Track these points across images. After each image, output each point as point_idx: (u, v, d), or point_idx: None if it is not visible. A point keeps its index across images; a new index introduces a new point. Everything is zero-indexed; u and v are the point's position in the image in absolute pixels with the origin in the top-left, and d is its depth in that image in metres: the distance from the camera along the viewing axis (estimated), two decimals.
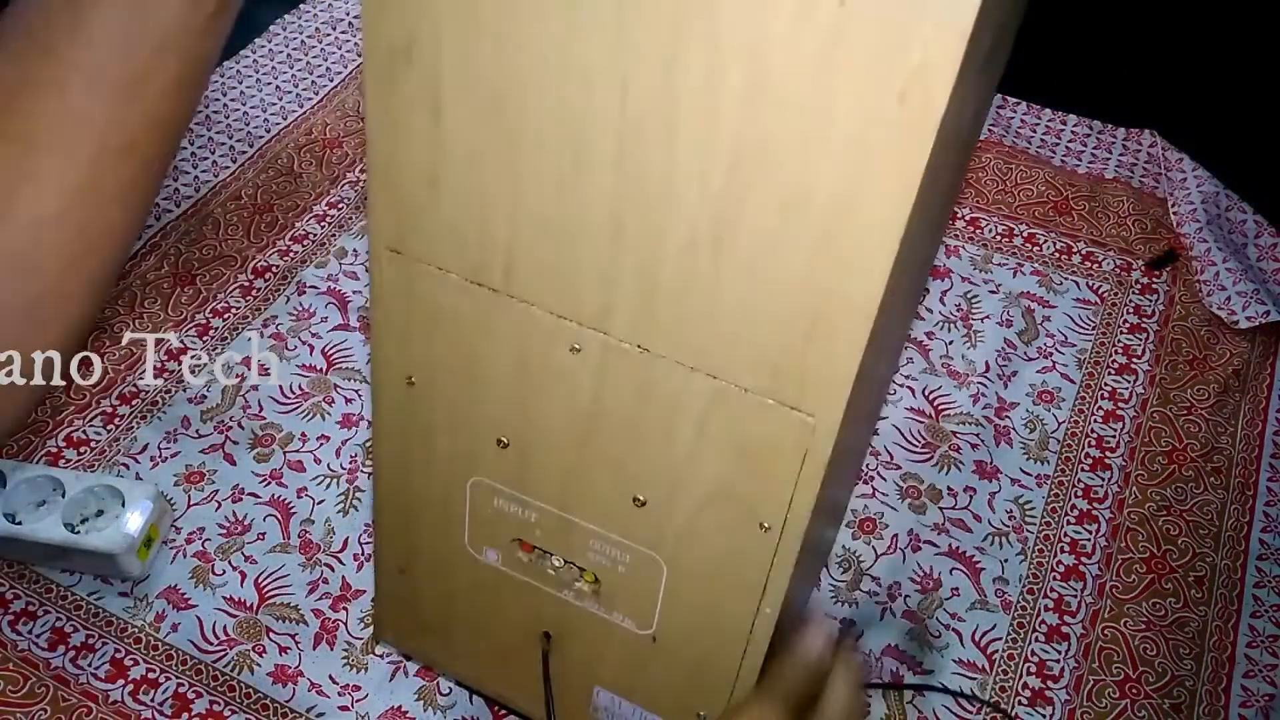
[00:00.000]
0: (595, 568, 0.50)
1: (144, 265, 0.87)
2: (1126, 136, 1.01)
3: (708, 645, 0.50)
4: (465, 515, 0.52)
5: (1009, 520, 0.71)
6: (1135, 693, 0.63)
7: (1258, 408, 0.78)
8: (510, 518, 0.51)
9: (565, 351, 0.44)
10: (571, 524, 0.49)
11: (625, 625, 0.51)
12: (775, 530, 0.45)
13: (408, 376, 0.49)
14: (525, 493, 0.49)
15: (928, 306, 0.85)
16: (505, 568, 0.52)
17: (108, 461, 0.73)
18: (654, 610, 0.50)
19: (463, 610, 0.56)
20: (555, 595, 0.52)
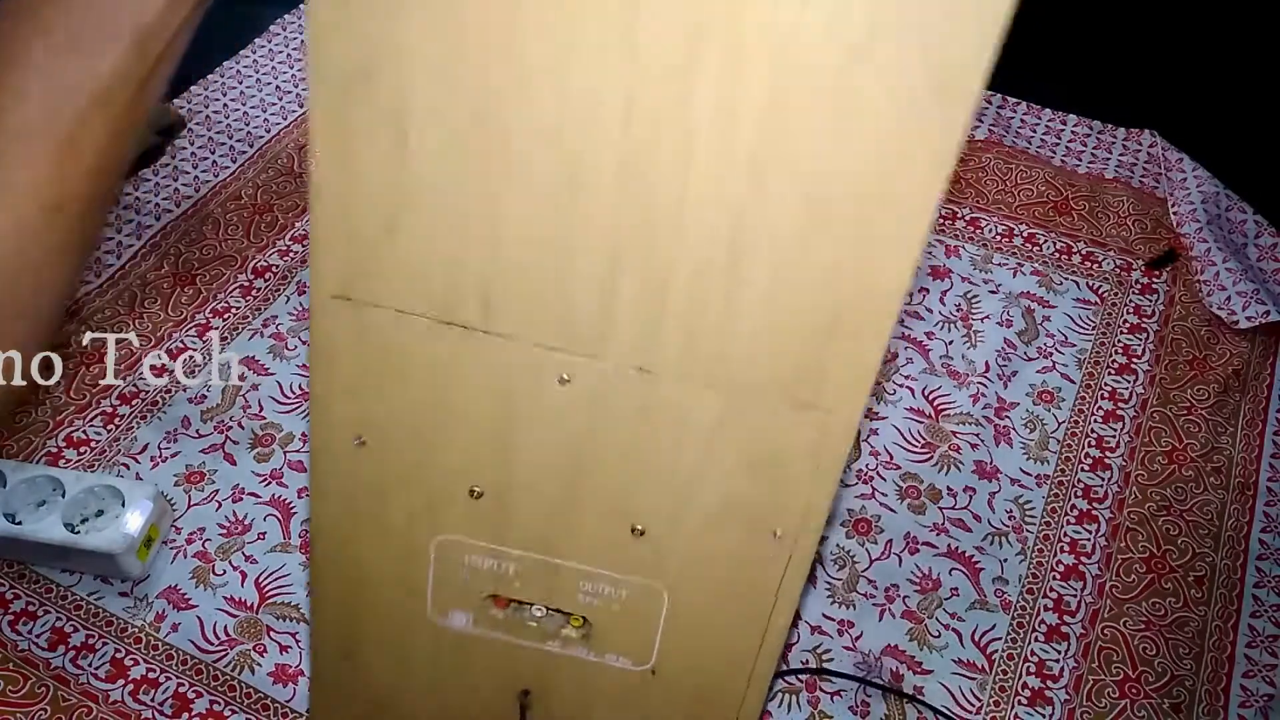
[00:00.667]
0: (585, 610, 0.47)
1: (144, 265, 0.87)
2: (1126, 136, 1.01)
3: (713, 667, 0.48)
4: (429, 580, 0.47)
5: (1009, 520, 0.71)
6: (1135, 692, 0.63)
7: (1258, 408, 0.78)
8: (484, 574, 0.47)
9: (553, 384, 0.41)
10: (557, 568, 0.46)
11: (619, 665, 0.48)
12: (789, 537, 0.43)
13: (357, 437, 0.44)
14: (504, 543, 0.46)
15: (927, 306, 0.85)
16: (476, 629, 0.48)
17: (108, 461, 0.73)
18: (653, 642, 0.47)
19: (422, 688, 0.51)
20: (536, 648, 0.48)
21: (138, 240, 0.89)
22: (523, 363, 0.41)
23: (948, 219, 0.92)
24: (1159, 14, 1.17)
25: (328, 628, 0.50)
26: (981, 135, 1.00)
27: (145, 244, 0.89)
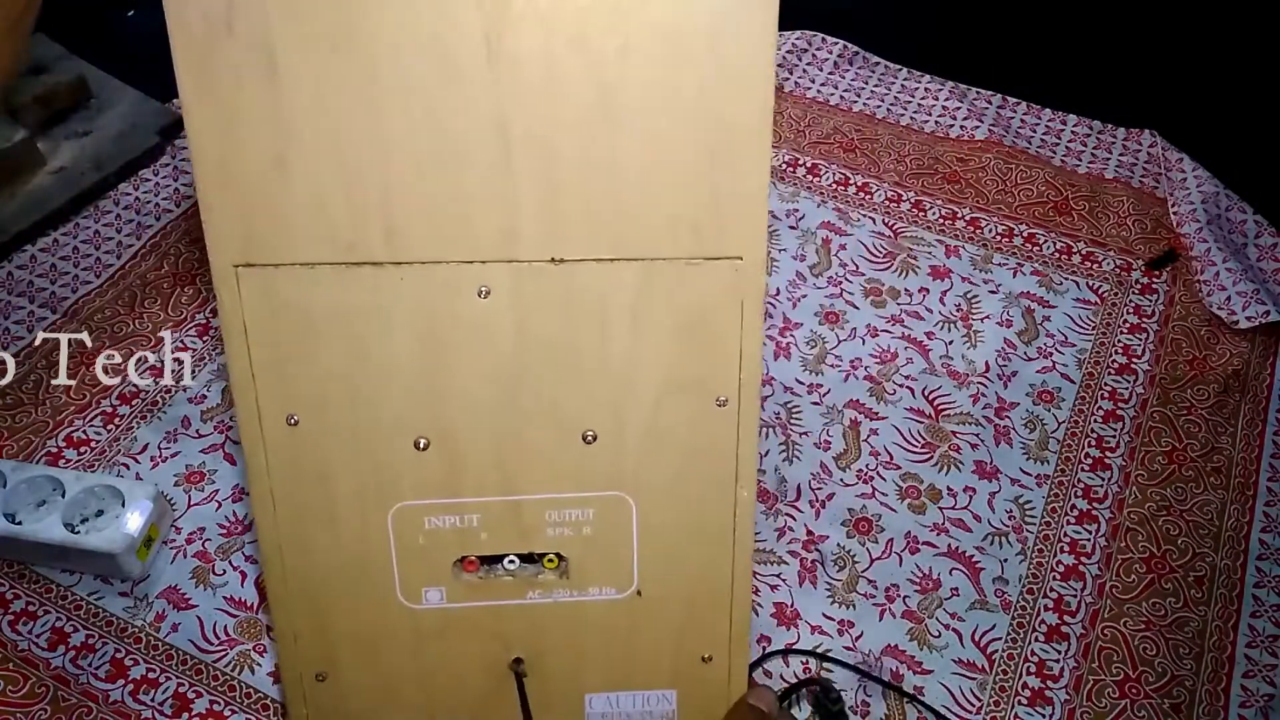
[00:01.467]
0: (557, 545, 0.46)
1: (144, 265, 0.87)
2: (1126, 136, 1.01)
3: (695, 568, 0.47)
4: (393, 558, 0.46)
5: (1009, 520, 0.71)
6: (1135, 693, 0.63)
7: (1258, 408, 0.78)
8: (447, 536, 0.46)
9: (473, 299, 0.41)
10: (520, 506, 0.45)
11: (604, 597, 0.47)
12: (733, 400, 0.43)
13: (288, 416, 0.43)
14: (461, 493, 0.45)
15: (927, 306, 0.85)
16: (452, 603, 0.47)
17: (108, 461, 0.73)
18: (632, 561, 0.46)
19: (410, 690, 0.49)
20: (518, 605, 0.47)
21: (138, 240, 0.89)
22: (439, 285, 0.41)
23: (948, 219, 0.92)
24: (1159, 14, 1.17)
25: (295, 648, 0.48)
26: (981, 135, 1.00)
27: (145, 244, 0.89)
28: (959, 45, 1.14)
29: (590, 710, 0.50)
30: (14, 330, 0.81)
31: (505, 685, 0.48)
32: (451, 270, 0.41)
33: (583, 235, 0.41)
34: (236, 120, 0.37)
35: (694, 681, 0.49)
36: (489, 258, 0.41)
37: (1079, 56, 1.13)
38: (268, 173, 0.38)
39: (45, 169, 0.92)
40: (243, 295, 0.40)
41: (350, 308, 0.41)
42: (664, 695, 0.50)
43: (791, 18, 1.14)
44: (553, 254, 0.41)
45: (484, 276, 0.41)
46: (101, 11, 1.14)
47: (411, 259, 0.40)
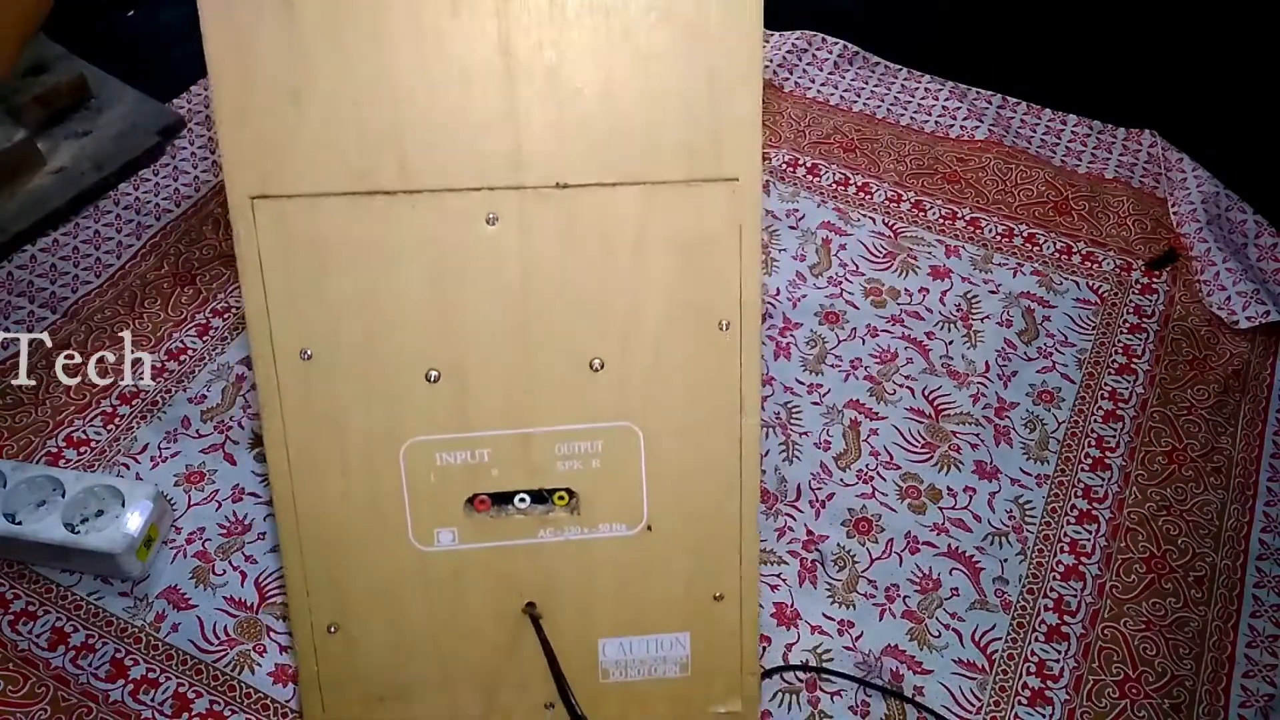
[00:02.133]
0: (567, 479, 0.46)
1: (144, 265, 0.87)
2: (1126, 136, 1.01)
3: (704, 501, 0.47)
4: (405, 498, 0.46)
5: (1009, 520, 0.71)
6: (1135, 693, 0.63)
7: (1258, 408, 0.78)
8: (458, 473, 0.46)
9: (482, 226, 0.42)
10: (530, 439, 0.45)
11: (614, 534, 0.47)
12: (734, 324, 0.44)
13: (301, 350, 0.43)
14: (472, 428, 0.45)
15: (927, 306, 0.85)
16: (464, 544, 0.47)
17: (108, 461, 0.73)
18: (641, 494, 0.47)
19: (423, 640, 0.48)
20: (530, 545, 0.47)
21: (138, 240, 0.89)
22: (449, 213, 0.42)
23: (948, 219, 0.92)
24: (1159, 14, 1.17)
25: (306, 600, 0.47)
26: (981, 135, 1.00)
27: (145, 244, 0.89)
28: (959, 45, 1.14)
29: (604, 657, 0.50)
30: (14, 330, 0.81)
31: (517, 632, 0.48)
32: (461, 198, 0.42)
33: (586, 160, 0.42)
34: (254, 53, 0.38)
35: (707, 622, 0.49)
36: (496, 184, 0.42)
37: (1079, 56, 1.13)
38: (283, 104, 0.39)
39: (45, 169, 0.92)
40: (258, 227, 0.41)
41: (363, 238, 0.42)
42: (677, 639, 0.50)
43: (791, 18, 1.14)
44: (558, 179, 0.42)
45: (492, 203, 0.42)
46: (101, 11, 1.14)
47: (422, 187, 0.41)
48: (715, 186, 0.43)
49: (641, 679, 0.50)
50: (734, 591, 0.49)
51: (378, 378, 0.44)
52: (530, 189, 0.42)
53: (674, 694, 0.50)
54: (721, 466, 0.47)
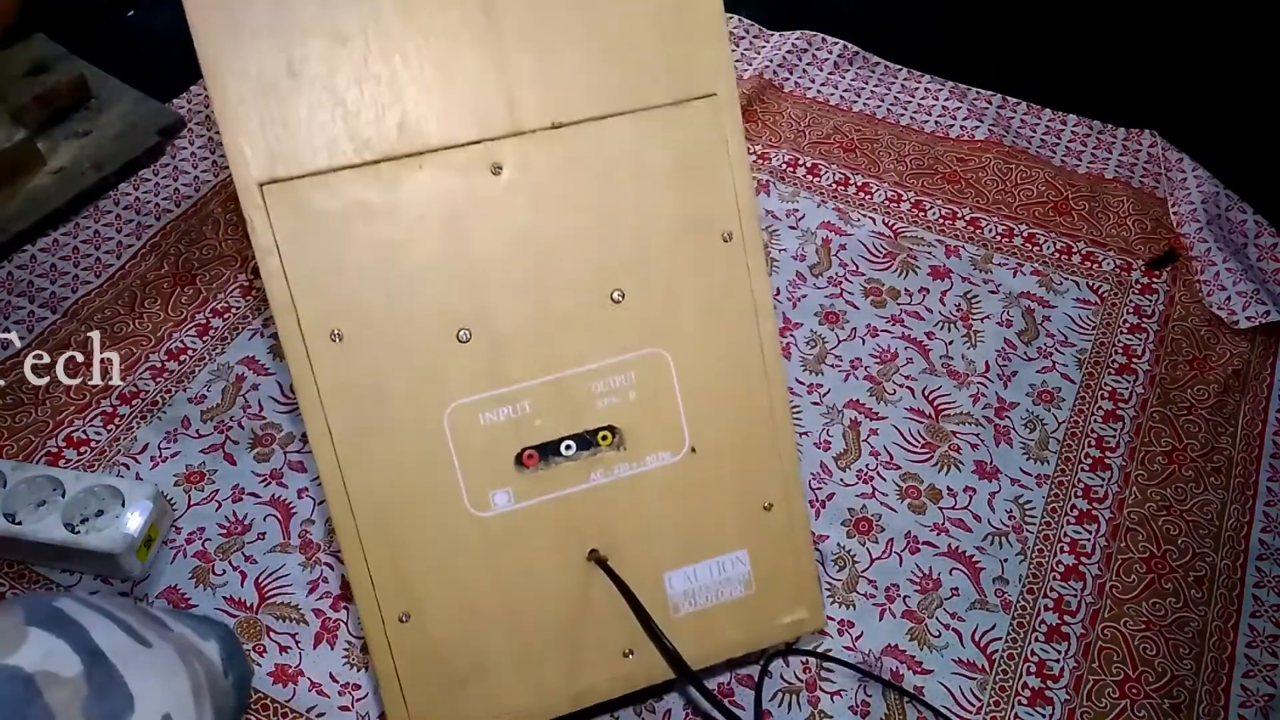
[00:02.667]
0: (609, 416, 0.47)
1: (144, 265, 0.87)
2: (1126, 136, 1.01)
3: (739, 412, 0.49)
4: (455, 466, 0.45)
5: (1009, 520, 0.71)
6: (1135, 693, 0.63)
7: (1258, 408, 0.78)
8: (503, 429, 0.46)
9: (488, 177, 0.43)
10: (566, 383, 0.46)
11: (663, 461, 0.48)
12: (736, 233, 0.47)
13: (331, 332, 0.43)
14: (509, 381, 0.46)
15: (927, 306, 0.85)
16: (520, 502, 0.47)
17: (108, 461, 0.73)
18: (680, 418, 0.48)
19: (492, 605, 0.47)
20: (584, 491, 0.47)
21: (138, 240, 0.89)
22: (455, 170, 0.43)
23: (948, 219, 0.92)
24: (1159, 14, 1.17)
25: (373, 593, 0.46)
26: (981, 135, 1.00)
27: (145, 244, 0.89)
28: (959, 45, 1.14)
29: (671, 590, 0.50)
30: (14, 330, 0.81)
31: (586, 583, 0.48)
32: (464, 153, 0.43)
33: (576, 96, 0.44)
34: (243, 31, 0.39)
35: (761, 534, 0.50)
36: (496, 133, 0.43)
37: (1079, 56, 1.13)
38: (280, 78, 0.40)
39: (45, 169, 0.92)
40: (271, 213, 0.41)
41: (376, 207, 0.42)
42: (737, 557, 0.50)
43: (791, 18, 1.15)
44: (553, 119, 0.44)
45: (494, 153, 0.43)
46: (101, 11, 1.14)
47: (425, 148, 0.42)
48: (697, 104, 0.45)
49: (710, 605, 0.50)
50: (780, 497, 0.50)
51: (411, 348, 0.44)
52: (528, 133, 0.43)
53: (742, 613, 0.51)
54: (748, 374, 0.49)
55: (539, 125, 0.44)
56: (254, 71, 0.40)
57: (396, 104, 0.42)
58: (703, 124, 0.46)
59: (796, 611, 0.52)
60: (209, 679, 0.50)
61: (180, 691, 0.45)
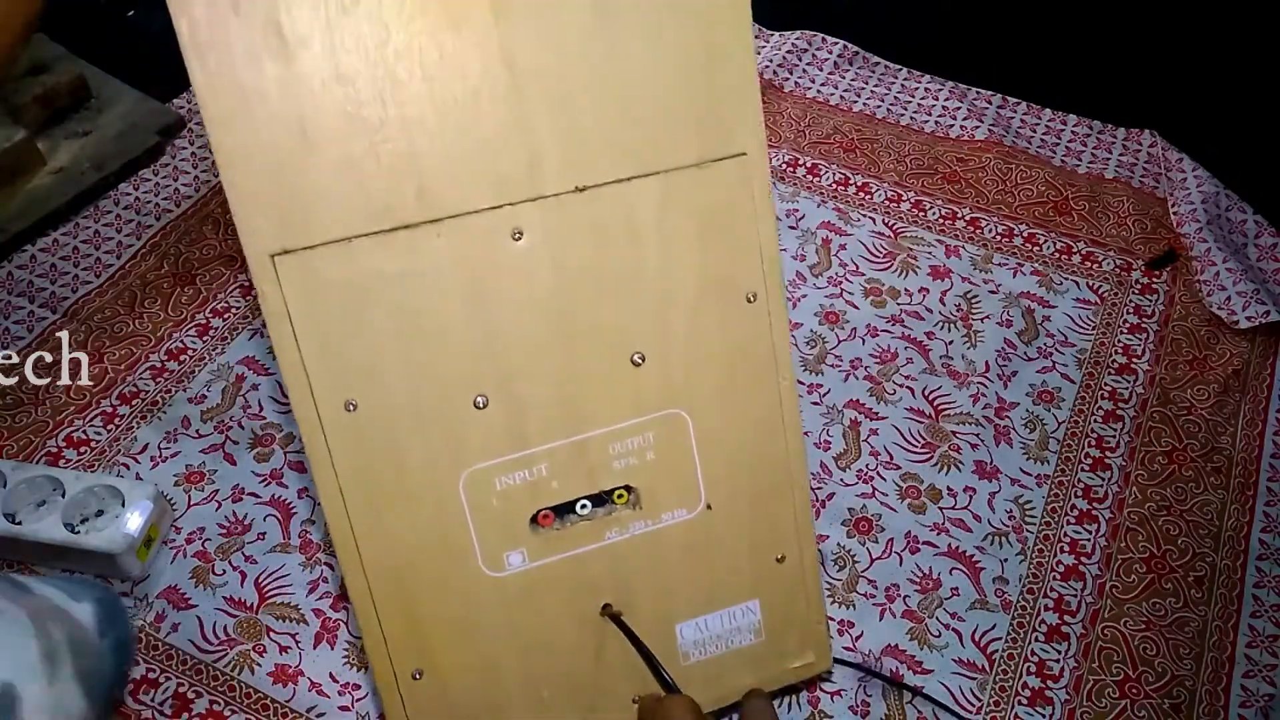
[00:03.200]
0: (625, 477, 0.47)
1: (144, 265, 0.87)
2: (1126, 136, 1.01)
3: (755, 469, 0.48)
4: (470, 528, 0.45)
5: (1009, 520, 0.71)
6: (1135, 693, 0.63)
7: (1258, 408, 0.78)
8: (519, 492, 0.46)
9: (508, 243, 0.42)
10: (584, 445, 0.46)
11: (678, 519, 0.48)
12: (761, 295, 0.46)
13: (346, 403, 0.42)
14: (526, 444, 0.45)
15: (927, 306, 0.85)
16: (534, 562, 0.47)
17: (108, 461, 0.73)
18: (696, 476, 0.47)
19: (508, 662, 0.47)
20: (599, 549, 0.47)
21: (138, 240, 0.89)
22: (474, 236, 0.41)
23: (948, 219, 0.92)
24: (1159, 14, 1.17)
25: (386, 651, 0.45)
26: (981, 135, 1.00)
27: (145, 244, 0.89)
28: (959, 45, 1.14)
29: (682, 640, 0.50)
30: (14, 330, 0.81)
31: (599, 635, 0.48)
32: (484, 218, 0.41)
33: (600, 158, 0.42)
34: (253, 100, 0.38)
35: (772, 585, 0.50)
36: (517, 198, 0.42)
37: (1079, 56, 1.13)
38: (292, 143, 0.38)
39: (45, 169, 0.92)
40: (283, 284, 0.40)
41: (393, 276, 0.41)
42: (748, 607, 0.50)
43: (791, 18, 1.15)
44: (576, 183, 0.42)
45: (515, 218, 0.42)
46: (101, 11, 1.14)
47: (444, 214, 0.41)
48: (726, 164, 0.44)
49: (720, 653, 0.50)
50: (794, 548, 0.50)
51: (427, 415, 0.43)
52: (550, 197, 0.42)
53: (751, 659, 0.51)
54: (766, 431, 0.48)
55: (561, 189, 0.42)
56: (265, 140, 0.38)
57: (414, 170, 0.40)
58: (731, 184, 0.44)
59: (805, 655, 0.52)
60: (73, 642, 0.48)
61: (26, 659, 0.43)
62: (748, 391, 0.47)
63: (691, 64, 0.43)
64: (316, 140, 0.39)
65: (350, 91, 0.38)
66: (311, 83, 0.38)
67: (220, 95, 0.38)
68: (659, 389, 0.46)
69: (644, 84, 0.42)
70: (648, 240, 0.44)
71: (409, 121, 0.39)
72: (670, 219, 0.44)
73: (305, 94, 0.38)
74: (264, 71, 0.38)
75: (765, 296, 0.46)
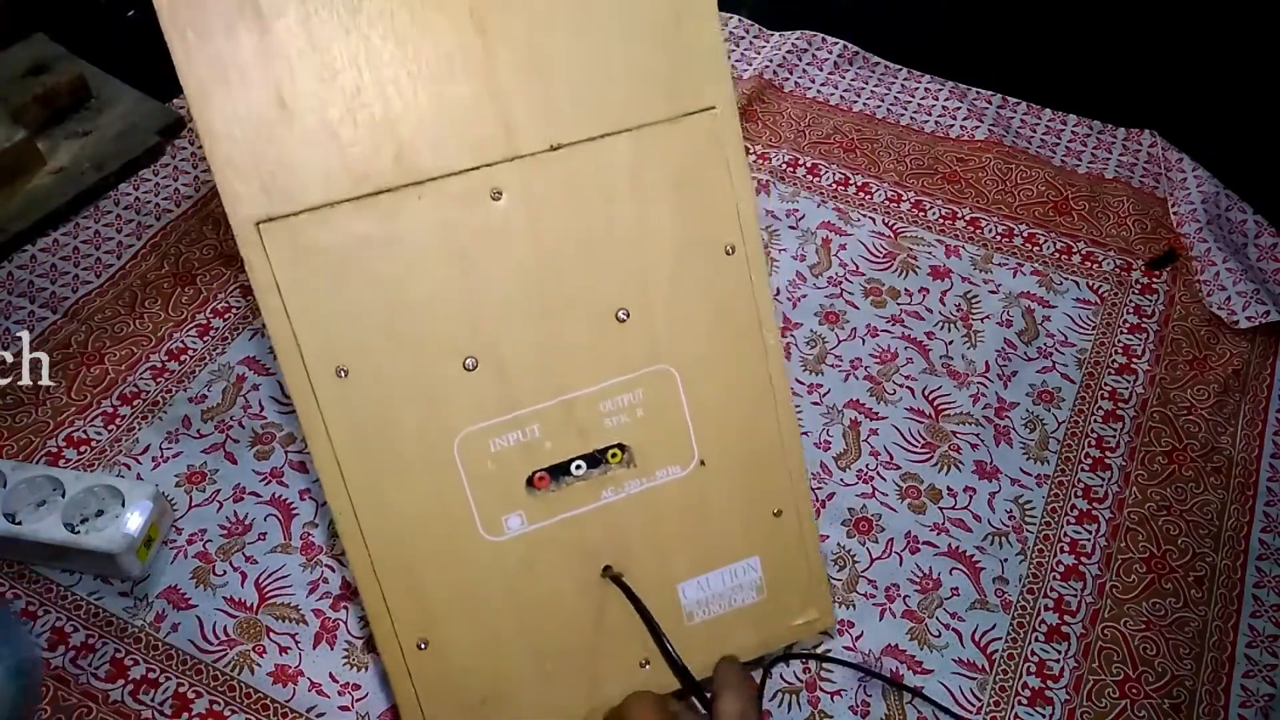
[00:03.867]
0: (617, 435, 0.47)
1: (144, 265, 0.87)
2: (1126, 136, 1.01)
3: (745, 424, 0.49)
4: (468, 493, 0.45)
5: (1009, 520, 0.71)
6: (1135, 693, 0.63)
7: (1258, 408, 0.78)
8: (514, 454, 0.46)
9: (488, 204, 0.43)
10: (574, 404, 0.46)
11: (673, 475, 0.48)
12: (739, 247, 0.47)
13: (337, 369, 0.42)
14: (517, 405, 0.45)
15: (927, 306, 0.85)
16: (533, 525, 0.47)
17: (109, 461, 0.73)
18: (688, 432, 0.48)
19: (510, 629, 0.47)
20: (595, 509, 0.47)
21: (138, 240, 0.89)
22: (454, 198, 0.42)
23: (948, 219, 0.92)
24: (1159, 14, 1.17)
25: (390, 622, 0.46)
26: (981, 135, 1.00)
27: (145, 244, 0.89)
28: (959, 45, 1.14)
29: (685, 600, 0.50)
30: (15, 330, 0.81)
31: (601, 599, 0.48)
32: (462, 180, 0.42)
33: (574, 117, 0.43)
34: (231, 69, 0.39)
35: (771, 540, 0.50)
36: (494, 158, 0.42)
37: (1079, 56, 1.13)
38: (271, 112, 0.39)
39: (45, 169, 0.93)
40: (269, 252, 0.40)
41: (376, 240, 0.42)
42: (749, 564, 0.51)
43: (791, 18, 1.15)
44: (551, 141, 0.43)
45: (493, 179, 0.43)
46: (101, 11, 1.14)
47: (423, 177, 0.42)
48: (696, 119, 0.45)
49: (724, 612, 0.50)
50: (790, 503, 0.50)
51: (418, 378, 0.44)
52: (527, 156, 0.43)
53: (755, 617, 0.51)
54: (754, 386, 0.49)
55: (537, 148, 0.43)
56: (244, 111, 0.39)
57: (392, 135, 0.41)
58: (702, 138, 0.46)
59: (808, 613, 0.52)
60: None
61: None
62: (733, 345, 0.48)
63: (660, 21, 0.44)
64: (294, 109, 0.40)
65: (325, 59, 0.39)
66: (287, 51, 0.39)
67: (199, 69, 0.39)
68: (644, 345, 0.46)
69: (614, 42, 0.44)
70: (623, 196, 0.45)
71: (384, 85, 0.40)
72: (644, 174, 0.45)
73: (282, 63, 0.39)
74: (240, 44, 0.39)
75: (744, 249, 0.47)
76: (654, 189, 0.45)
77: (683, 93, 0.45)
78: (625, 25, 0.44)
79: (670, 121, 0.45)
